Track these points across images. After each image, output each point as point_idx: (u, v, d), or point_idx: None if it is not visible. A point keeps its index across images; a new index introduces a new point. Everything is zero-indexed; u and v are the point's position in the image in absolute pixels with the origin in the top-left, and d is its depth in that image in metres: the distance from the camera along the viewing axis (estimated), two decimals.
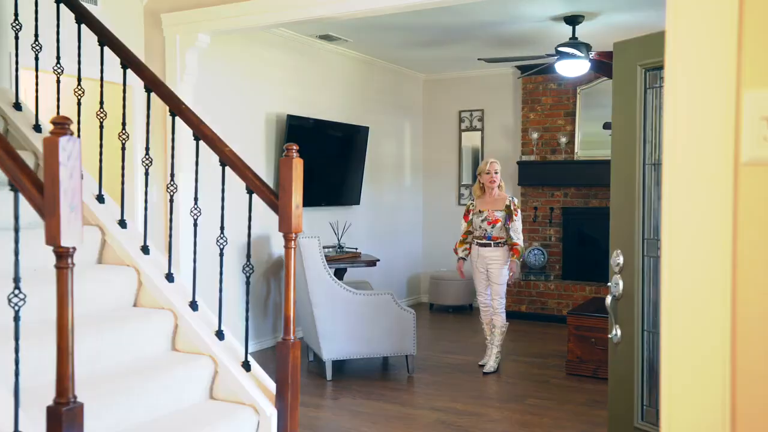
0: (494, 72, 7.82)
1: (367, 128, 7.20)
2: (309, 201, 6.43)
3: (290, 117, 6.11)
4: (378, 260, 6.25)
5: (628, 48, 2.62)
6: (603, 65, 5.61)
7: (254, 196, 3.18)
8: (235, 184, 3.27)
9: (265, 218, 3.15)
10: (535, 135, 7.57)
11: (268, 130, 6.12)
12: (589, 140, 7.42)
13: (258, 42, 5.91)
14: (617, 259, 2.60)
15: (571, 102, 7.54)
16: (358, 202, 7.21)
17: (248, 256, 3.20)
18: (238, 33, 5.20)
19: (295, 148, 3.07)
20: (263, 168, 5.90)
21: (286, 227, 3.04)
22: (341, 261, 6.09)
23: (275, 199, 3.11)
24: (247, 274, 3.18)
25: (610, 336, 2.66)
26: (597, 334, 5.03)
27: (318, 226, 6.46)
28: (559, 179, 7.53)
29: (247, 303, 3.21)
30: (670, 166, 1.23)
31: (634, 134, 2.56)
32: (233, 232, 4.48)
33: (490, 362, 5.29)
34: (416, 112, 8.49)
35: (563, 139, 7.46)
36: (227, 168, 3.25)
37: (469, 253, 5.37)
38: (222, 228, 3.28)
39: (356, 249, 6.50)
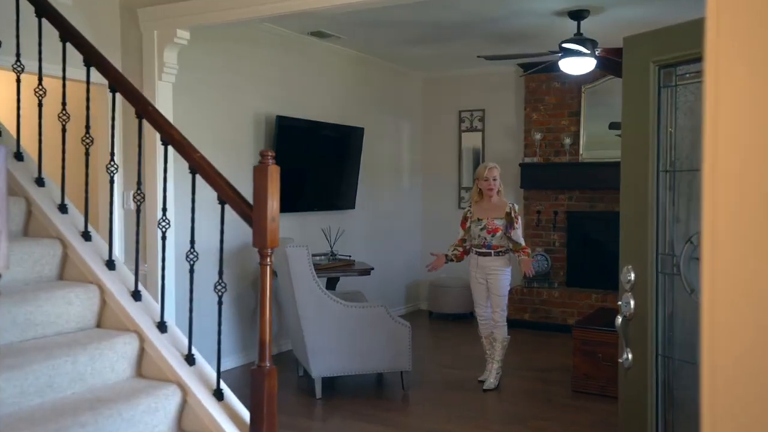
0: (495, 70, 7.51)
1: (362, 129, 6.89)
2: (301, 206, 6.17)
3: (280, 118, 5.80)
4: (372, 269, 5.93)
5: (640, 43, 2.36)
6: (610, 62, 5.30)
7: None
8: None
9: None
10: (538, 136, 7.26)
11: (256, 132, 5.81)
12: (595, 141, 7.11)
13: (244, 39, 5.60)
14: (628, 275, 2.37)
15: (576, 101, 7.22)
16: (352, 207, 6.90)
17: (220, 273, 2.90)
18: (220, 28, 4.91)
19: (270, 154, 2.80)
20: (251, 174, 5.58)
21: (260, 242, 2.75)
22: (333, 270, 5.79)
23: (249, 210, 2.83)
24: (220, 294, 2.89)
25: (620, 360, 2.40)
26: (605, 350, 4.70)
27: (310, 232, 6.15)
28: (563, 182, 7.21)
29: (220, 325, 2.91)
30: (710, 182, 0.95)
31: (647, 138, 2.32)
32: (216, 241, 4.18)
33: (491, 379, 4.97)
34: (414, 112, 8.16)
35: (567, 140, 7.16)
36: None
37: (461, 255, 5.03)
38: (192, 242, 2.99)
39: (350, 256, 6.19)
